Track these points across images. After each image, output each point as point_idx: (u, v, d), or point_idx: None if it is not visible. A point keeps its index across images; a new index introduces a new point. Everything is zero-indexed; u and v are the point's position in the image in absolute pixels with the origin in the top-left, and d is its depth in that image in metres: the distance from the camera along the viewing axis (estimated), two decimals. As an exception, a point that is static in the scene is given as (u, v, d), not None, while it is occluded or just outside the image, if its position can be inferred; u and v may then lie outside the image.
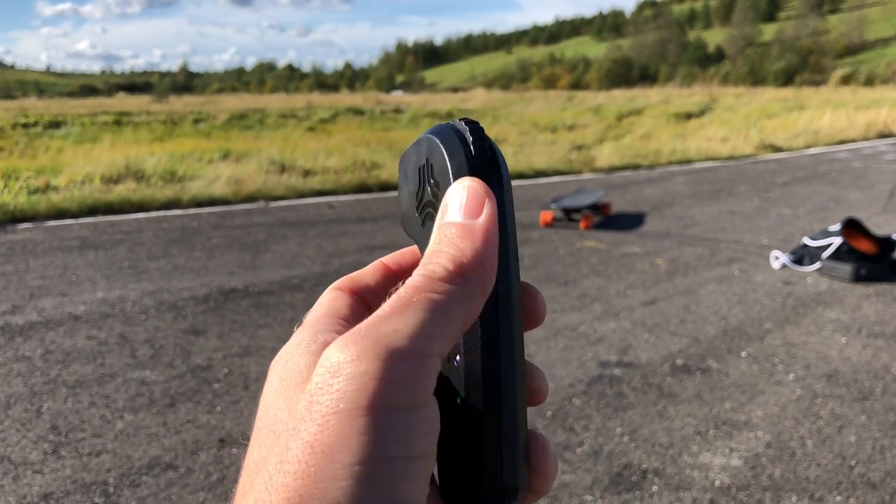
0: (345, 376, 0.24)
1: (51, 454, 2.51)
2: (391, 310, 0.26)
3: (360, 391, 0.23)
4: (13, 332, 3.72)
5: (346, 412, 0.23)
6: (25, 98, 52.62)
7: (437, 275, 0.26)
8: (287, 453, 0.24)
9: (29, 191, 7.80)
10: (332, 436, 0.23)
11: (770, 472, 2.42)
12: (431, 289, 0.26)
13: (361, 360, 0.24)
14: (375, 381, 0.24)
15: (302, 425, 0.24)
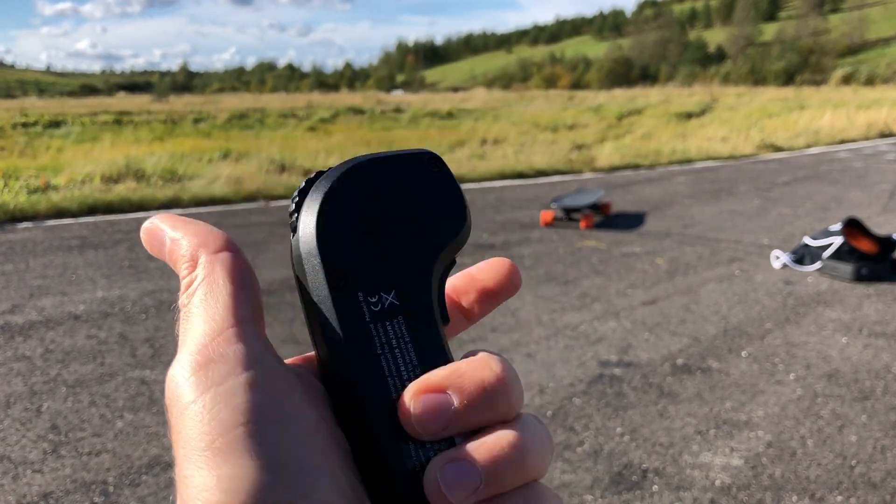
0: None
1: (50, 453, 2.51)
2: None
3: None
4: (13, 331, 3.72)
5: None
6: (25, 97, 52.67)
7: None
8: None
9: (29, 190, 7.80)
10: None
11: (771, 472, 2.42)
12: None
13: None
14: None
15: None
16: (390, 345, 0.29)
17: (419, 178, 0.31)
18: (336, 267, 0.29)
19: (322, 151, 11.50)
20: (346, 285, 0.29)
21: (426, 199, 0.31)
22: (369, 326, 0.29)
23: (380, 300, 0.30)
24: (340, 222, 0.30)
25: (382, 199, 0.31)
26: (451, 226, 0.31)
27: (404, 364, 0.29)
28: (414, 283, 0.30)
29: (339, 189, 0.30)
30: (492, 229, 6.30)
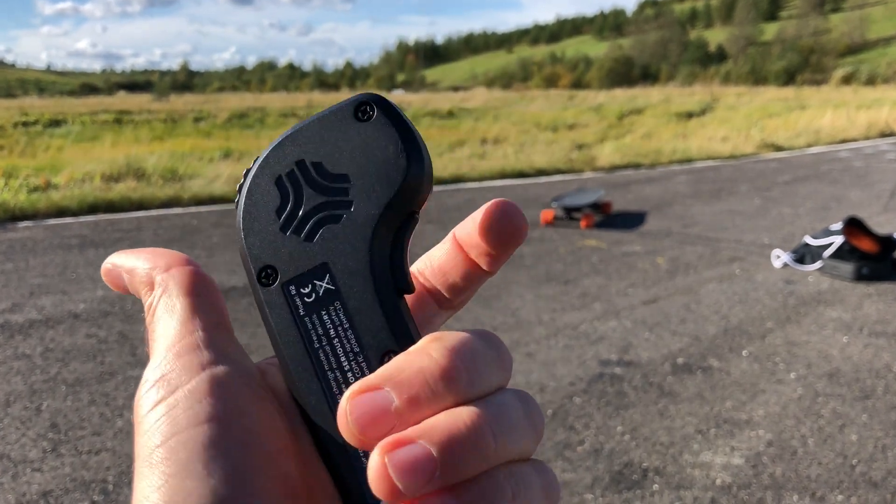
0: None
1: (50, 452, 2.51)
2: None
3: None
4: (13, 329, 3.72)
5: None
6: (26, 97, 52.68)
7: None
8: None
9: (29, 189, 7.79)
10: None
11: (771, 471, 2.42)
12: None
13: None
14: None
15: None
16: (328, 336, 0.27)
17: (347, 134, 0.28)
18: (263, 264, 0.28)
19: (322, 151, 11.47)
20: (275, 280, 0.28)
21: (358, 156, 0.27)
22: (304, 320, 0.27)
23: (313, 288, 0.27)
24: (262, 213, 0.28)
25: (306, 173, 0.28)
26: (388, 177, 0.27)
27: (344, 354, 0.27)
28: (349, 259, 0.27)
29: (257, 179, 0.28)
30: (492, 228, 6.29)
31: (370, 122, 0.27)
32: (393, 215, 0.27)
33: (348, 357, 0.27)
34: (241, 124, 19.30)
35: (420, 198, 0.28)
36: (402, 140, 0.27)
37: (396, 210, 0.27)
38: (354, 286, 0.27)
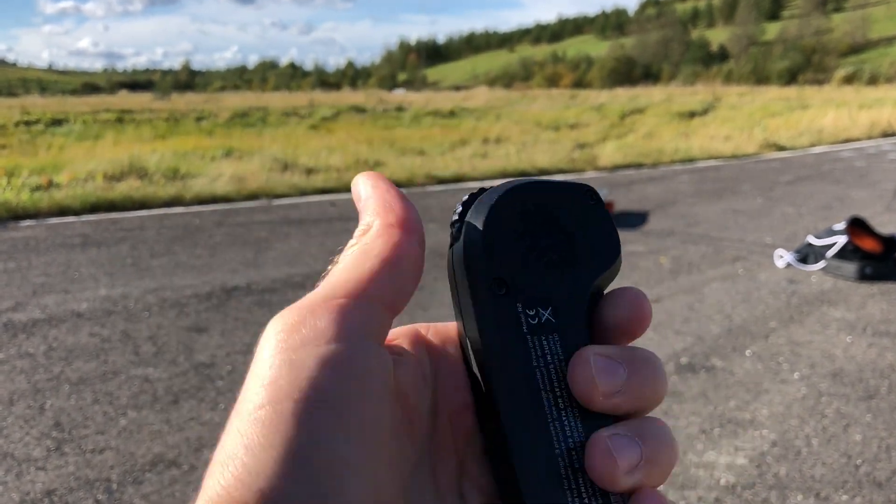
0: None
1: (54, 451, 2.51)
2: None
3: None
4: (16, 328, 3.72)
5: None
6: (27, 96, 52.68)
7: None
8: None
9: (31, 188, 7.80)
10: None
11: (775, 471, 2.41)
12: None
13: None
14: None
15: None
16: (545, 360, 0.29)
17: (578, 206, 0.32)
18: (499, 274, 0.30)
19: (324, 150, 11.48)
20: (507, 293, 0.30)
21: (584, 225, 0.32)
22: (526, 337, 0.30)
23: (537, 314, 0.30)
24: (505, 233, 0.31)
25: (545, 218, 0.32)
26: (606, 255, 0.32)
27: (558, 382, 0.29)
28: (571, 303, 0.31)
29: (505, 202, 0.31)
30: (494, 228, 6.29)
31: (594, 207, 0.33)
32: (599, 284, 0.32)
33: (560, 386, 0.29)
34: (243, 123, 19.29)
35: (612, 280, 0.33)
36: (616, 231, 0.33)
37: (602, 282, 0.32)
38: (571, 327, 0.30)
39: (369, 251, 0.29)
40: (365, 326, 0.27)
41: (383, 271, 0.28)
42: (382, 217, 0.30)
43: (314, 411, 0.24)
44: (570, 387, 0.29)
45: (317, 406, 0.24)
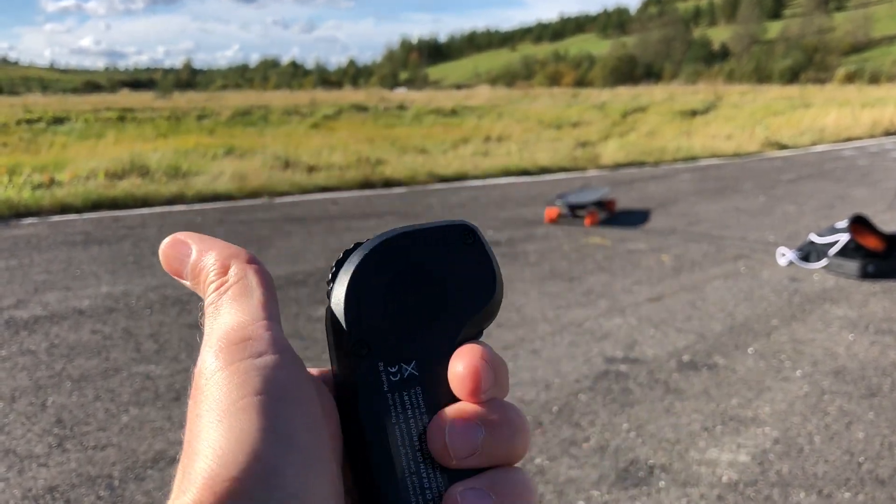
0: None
1: (56, 447, 2.51)
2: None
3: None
4: (18, 326, 3.72)
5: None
6: (29, 94, 52.67)
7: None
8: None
9: (33, 186, 7.80)
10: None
11: (778, 469, 2.41)
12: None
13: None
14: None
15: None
16: (405, 414, 0.30)
17: (451, 250, 0.32)
18: (361, 337, 0.31)
19: (325, 148, 11.48)
20: (368, 354, 0.31)
21: (456, 271, 0.32)
22: (387, 395, 0.30)
23: (399, 370, 0.31)
24: (369, 294, 0.31)
25: (412, 272, 0.32)
26: (478, 298, 0.32)
27: (418, 436, 0.30)
28: (435, 354, 0.31)
29: (370, 262, 0.31)
30: (496, 226, 6.29)
31: (471, 247, 0.32)
32: (471, 327, 0.32)
33: (422, 440, 0.30)
34: (245, 122, 19.29)
35: (491, 320, 0.33)
36: (493, 271, 0.33)
37: (473, 325, 0.32)
38: (434, 378, 0.31)
39: (248, 284, 0.31)
40: (286, 342, 0.29)
41: (269, 297, 0.31)
42: (234, 258, 0.31)
43: (280, 404, 0.26)
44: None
45: (283, 400, 0.27)
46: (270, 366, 0.27)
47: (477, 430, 0.29)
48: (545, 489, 2.28)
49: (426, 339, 0.31)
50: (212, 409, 0.26)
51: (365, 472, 0.30)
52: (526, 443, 0.30)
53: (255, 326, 0.29)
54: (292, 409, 0.26)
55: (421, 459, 0.30)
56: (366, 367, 0.30)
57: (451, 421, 0.29)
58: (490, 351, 0.31)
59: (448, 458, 0.29)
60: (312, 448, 0.26)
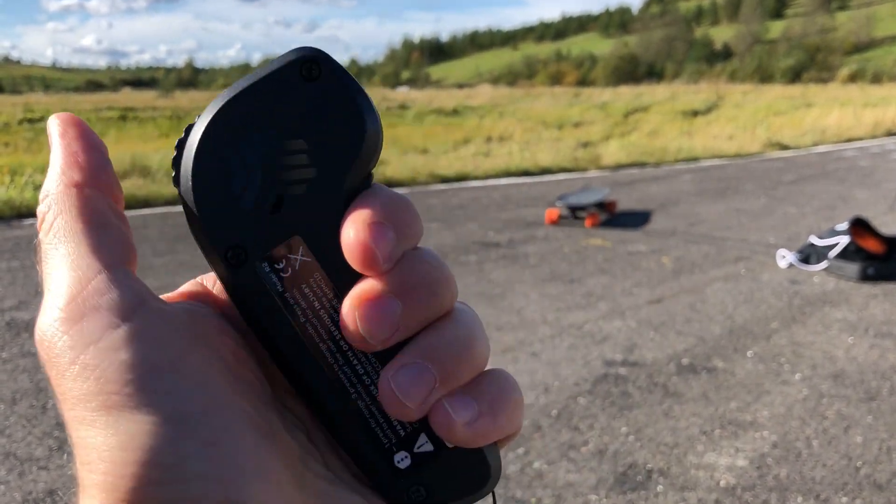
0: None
1: (56, 450, 2.52)
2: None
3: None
4: (19, 327, 3.73)
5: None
6: (31, 93, 52.71)
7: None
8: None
9: (35, 186, 7.80)
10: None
11: (776, 473, 2.41)
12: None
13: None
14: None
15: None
16: (313, 308, 0.26)
17: (296, 96, 0.26)
18: (228, 244, 0.26)
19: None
20: (245, 260, 0.26)
21: (311, 119, 0.26)
22: (284, 296, 0.26)
23: (288, 263, 0.26)
24: (215, 188, 0.26)
25: (258, 141, 0.26)
26: (347, 141, 0.26)
27: (332, 323, 0.27)
28: (323, 227, 0.26)
29: (205, 147, 0.26)
30: (497, 227, 6.30)
31: (318, 82, 0.26)
32: (356, 178, 0.27)
33: (337, 326, 0.27)
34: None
35: (377, 157, 0.27)
36: (355, 99, 0.26)
37: (359, 172, 0.27)
38: (333, 255, 0.26)
39: (70, 222, 0.25)
40: (135, 289, 0.25)
41: (100, 234, 0.26)
42: (61, 176, 0.26)
43: (155, 381, 0.23)
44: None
45: (155, 375, 0.23)
46: (123, 341, 0.23)
47: (389, 305, 0.25)
48: (543, 493, 2.29)
49: (306, 213, 0.26)
50: (86, 413, 0.23)
51: (295, 382, 0.27)
52: (451, 290, 0.27)
53: (90, 289, 0.24)
54: (171, 382, 0.23)
55: (346, 348, 0.27)
56: (248, 275, 0.26)
57: (357, 307, 0.25)
58: (380, 202, 0.26)
59: (369, 346, 0.26)
60: (215, 408, 0.23)
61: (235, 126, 0.26)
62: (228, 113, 0.26)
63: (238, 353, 0.27)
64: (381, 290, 0.25)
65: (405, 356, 0.26)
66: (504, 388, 0.27)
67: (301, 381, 0.27)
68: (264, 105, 0.26)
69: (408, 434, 0.28)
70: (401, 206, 0.26)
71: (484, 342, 0.27)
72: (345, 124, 0.26)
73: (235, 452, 0.23)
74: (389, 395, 0.25)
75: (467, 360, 0.26)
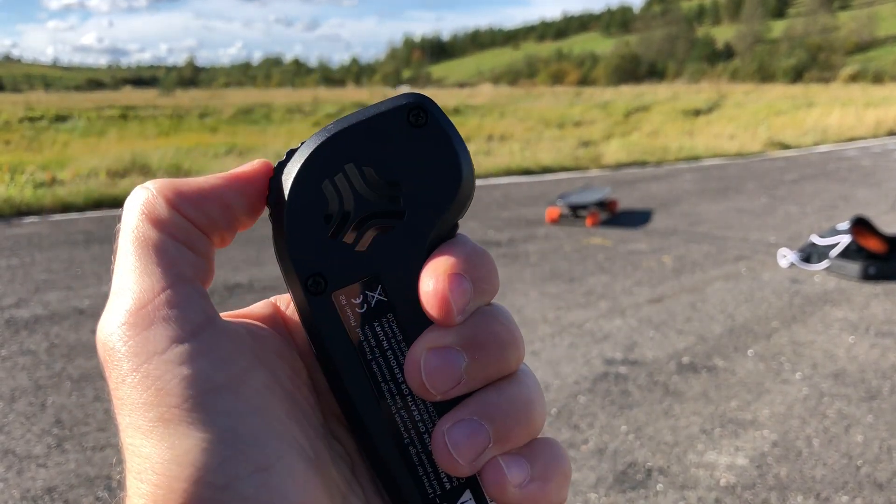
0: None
1: (55, 448, 2.51)
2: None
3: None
4: (18, 325, 3.73)
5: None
6: (32, 91, 52.73)
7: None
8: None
9: (35, 184, 7.81)
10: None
11: (776, 472, 2.41)
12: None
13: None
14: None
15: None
16: (381, 348, 0.27)
17: (400, 139, 0.27)
18: (312, 271, 0.27)
19: (328, 147, 11.48)
20: (324, 289, 0.27)
21: (410, 163, 0.27)
22: (356, 331, 0.27)
23: (365, 300, 0.27)
24: (308, 217, 0.27)
25: (356, 177, 0.27)
26: (442, 191, 0.27)
27: (398, 366, 0.27)
28: (403, 271, 0.27)
29: (304, 176, 0.27)
30: (497, 226, 6.29)
31: (423, 129, 0.27)
32: (444, 226, 0.27)
33: (401, 369, 0.27)
34: (247, 120, 19.31)
35: (467, 208, 0.28)
36: (455, 150, 0.27)
37: (448, 220, 0.27)
38: (405, 298, 0.27)
39: (148, 233, 0.26)
40: (203, 306, 0.25)
41: (176, 248, 0.26)
42: (177, 186, 0.28)
43: (214, 399, 0.23)
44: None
45: (214, 394, 0.23)
46: (187, 357, 0.23)
47: (456, 358, 0.26)
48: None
49: (390, 254, 0.27)
50: (142, 422, 0.23)
51: (350, 416, 0.28)
52: (518, 352, 0.27)
53: (160, 301, 0.24)
54: (230, 402, 0.23)
55: (407, 392, 0.27)
56: (325, 305, 0.27)
57: (425, 354, 0.26)
58: (464, 254, 0.26)
59: (429, 395, 0.26)
60: (270, 432, 0.24)
61: (337, 160, 0.27)
62: (332, 146, 0.27)
63: (295, 378, 0.27)
64: (450, 342, 0.26)
65: (463, 411, 0.26)
66: (557, 456, 0.27)
67: (356, 417, 0.27)
68: (368, 144, 0.27)
69: (453, 488, 0.28)
70: (482, 260, 0.27)
71: (542, 408, 0.27)
72: (442, 173, 0.27)
73: (285, 481, 0.23)
74: (442, 448, 0.26)
75: (524, 425, 0.26)
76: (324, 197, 0.27)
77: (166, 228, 0.26)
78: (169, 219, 0.26)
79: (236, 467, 0.22)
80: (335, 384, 0.28)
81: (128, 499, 0.23)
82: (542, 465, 0.27)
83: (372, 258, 0.27)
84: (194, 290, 0.25)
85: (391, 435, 0.27)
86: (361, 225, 0.27)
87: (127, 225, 0.26)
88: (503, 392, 0.26)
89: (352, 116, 0.27)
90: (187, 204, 0.27)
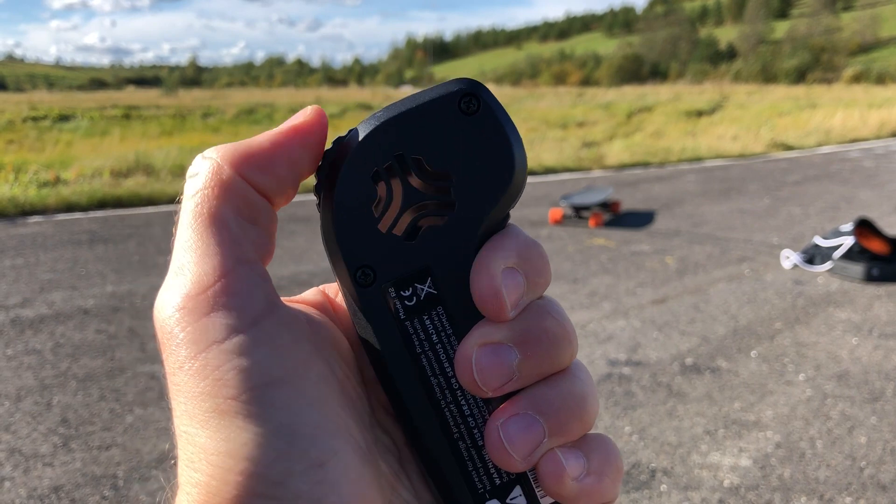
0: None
1: (61, 447, 2.52)
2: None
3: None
4: (23, 325, 3.74)
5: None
6: (35, 91, 52.78)
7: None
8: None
9: (39, 184, 7.83)
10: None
11: (779, 473, 2.41)
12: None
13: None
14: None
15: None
16: (430, 341, 0.27)
17: (451, 127, 0.26)
18: (360, 263, 0.26)
19: (331, 147, 11.49)
20: (373, 281, 0.26)
21: (461, 152, 0.26)
22: (405, 324, 0.27)
23: (414, 292, 0.26)
24: (357, 208, 0.26)
25: (406, 168, 0.26)
26: (494, 181, 0.26)
27: (448, 360, 0.27)
28: (454, 264, 0.26)
29: (353, 167, 0.26)
30: (500, 226, 6.29)
31: (475, 117, 0.26)
32: (496, 216, 0.27)
33: (451, 363, 0.27)
34: (250, 120, 19.33)
35: (516, 201, 0.27)
36: (508, 138, 0.26)
37: (500, 210, 0.27)
38: (459, 292, 0.26)
39: (216, 207, 0.25)
40: (265, 292, 0.25)
41: (241, 227, 0.25)
42: (240, 154, 0.27)
43: (272, 392, 0.23)
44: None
45: (272, 387, 0.23)
46: (247, 347, 0.23)
47: (508, 355, 0.25)
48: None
49: (441, 245, 0.26)
50: (198, 411, 0.23)
51: (398, 409, 0.27)
52: (571, 348, 0.26)
53: (222, 286, 0.24)
54: (288, 396, 0.23)
55: (457, 386, 0.27)
56: (374, 297, 0.26)
57: (476, 350, 0.25)
58: (516, 246, 0.26)
59: (481, 391, 0.25)
60: (326, 429, 0.23)
61: (386, 150, 0.26)
62: (382, 135, 0.26)
63: (346, 368, 0.27)
64: (502, 337, 0.25)
65: (517, 406, 0.26)
66: (611, 451, 0.27)
67: (405, 411, 0.27)
68: (418, 133, 0.26)
69: (503, 483, 0.28)
70: (535, 252, 0.26)
71: (595, 403, 0.27)
72: (495, 162, 0.26)
73: (339, 477, 0.23)
74: (496, 443, 0.25)
75: (578, 419, 0.26)
76: (373, 188, 0.26)
77: (231, 201, 0.25)
78: (235, 191, 0.25)
79: (291, 462, 0.22)
80: (383, 377, 0.27)
81: (179, 486, 0.23)
82: (597, 459, 0.27)
83: (422, 250, 0.26)
84: (255, 273, 0.25)
85: (440, 429, 0.27)
86: (411, 217, 0.26)
87: (189, 196, 0.26)
88: (556, 387, 0.26)
89: (402, 103, 0.27)
90: (255, 171, 0.26)
